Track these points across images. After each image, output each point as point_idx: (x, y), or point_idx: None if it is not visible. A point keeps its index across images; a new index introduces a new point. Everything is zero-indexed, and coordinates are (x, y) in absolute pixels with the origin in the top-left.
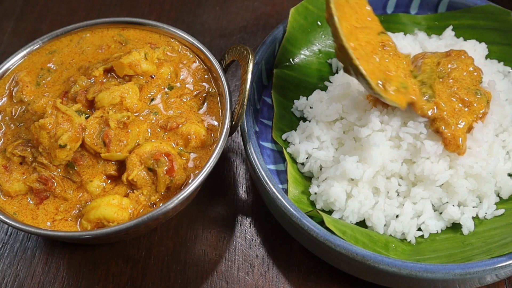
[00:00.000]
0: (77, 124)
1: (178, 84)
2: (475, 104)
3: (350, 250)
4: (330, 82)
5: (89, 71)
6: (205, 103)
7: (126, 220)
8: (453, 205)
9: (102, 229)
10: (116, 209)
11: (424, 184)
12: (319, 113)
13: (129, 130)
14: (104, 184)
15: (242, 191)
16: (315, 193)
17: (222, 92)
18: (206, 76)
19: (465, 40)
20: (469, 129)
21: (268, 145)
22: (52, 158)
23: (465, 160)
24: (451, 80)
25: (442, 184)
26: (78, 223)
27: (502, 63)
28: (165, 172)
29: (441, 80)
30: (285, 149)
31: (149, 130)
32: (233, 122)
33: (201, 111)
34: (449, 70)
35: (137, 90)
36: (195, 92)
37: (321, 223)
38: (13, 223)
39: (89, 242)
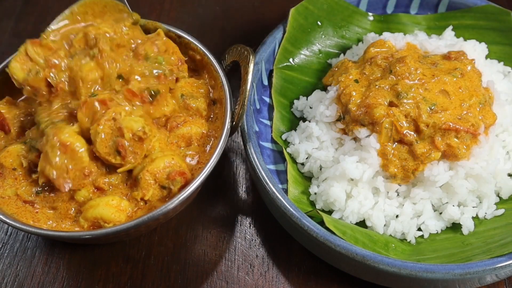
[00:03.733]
0: None
1: None
2: (473, 125)
3: (350, 250)
4: None
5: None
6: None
7: (122, 222)
8: (453, 205)
9: (102, 229)
10: (114, 210)
11: (424, 185)
12: (318, 113)
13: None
14: (91, 195)
15: (242, 191)
16: (315, 193)
17: (222, 92)
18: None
19: (465, 40)
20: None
21: (268, 145)
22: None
23: (465, 161)
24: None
25: (442, 185)
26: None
27: (502, 63)
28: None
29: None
30: (285, 149)
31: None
32: (233, 122)
33: None
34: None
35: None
36: None
37: (321, 223)
38: (13, 223)
39: (89, 242)
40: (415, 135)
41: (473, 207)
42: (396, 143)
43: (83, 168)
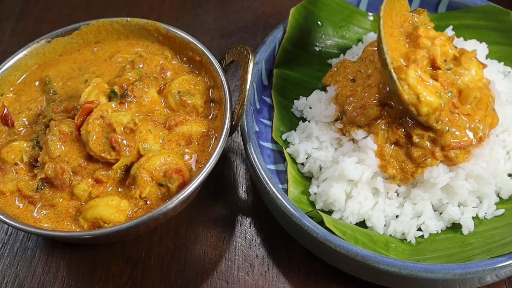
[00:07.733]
0: None
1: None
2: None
3: (350, 250)
4: None
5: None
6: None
7: (122, 222)
8: (453, 206)
9: (102, 229)
10: (113, 211)
11: (424, 186)
12: (318, 113)
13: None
14: (91, 189)
15: (242, 191)
16: (315, 193)
17: (222, 92)
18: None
19: (465, 40)
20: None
21: (268, 145)
22: None
23: (465, 162)
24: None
25: (443, 186)
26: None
27: (502, 63)
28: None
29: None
30: (285, 149)
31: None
32: (233, 122)
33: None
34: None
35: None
36: None
37: (321, 223)
38: (13, 223)
39: (89, 242)
40: None
41: (473, 207)
42: (393, 145)
43: (81, 159)
